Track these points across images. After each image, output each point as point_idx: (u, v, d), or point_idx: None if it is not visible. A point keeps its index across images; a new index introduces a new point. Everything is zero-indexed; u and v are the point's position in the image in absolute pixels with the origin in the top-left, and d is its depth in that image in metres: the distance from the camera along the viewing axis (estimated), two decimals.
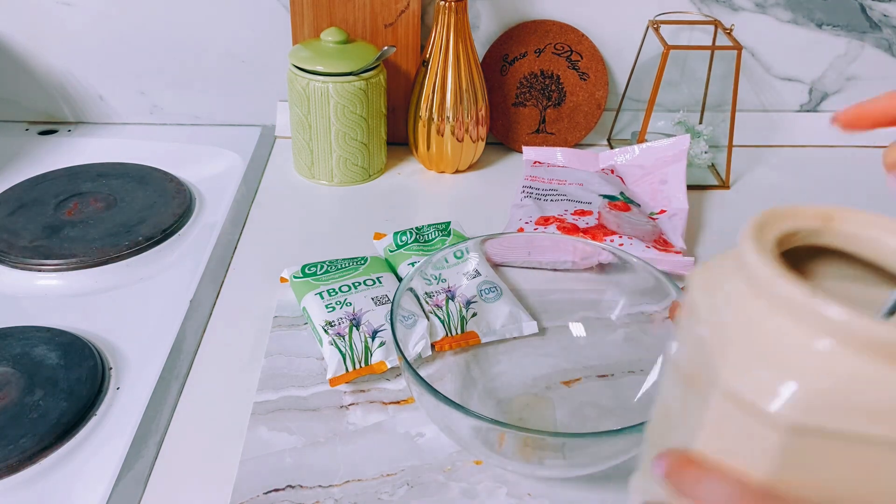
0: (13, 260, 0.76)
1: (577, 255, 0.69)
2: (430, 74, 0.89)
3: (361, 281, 0.67)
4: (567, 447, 0.51)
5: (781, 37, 0.99)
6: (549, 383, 0.63)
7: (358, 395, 0.62)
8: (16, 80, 1.01)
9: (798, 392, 0.27)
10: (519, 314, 0.67)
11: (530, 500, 0.54)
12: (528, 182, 0.87)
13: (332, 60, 0.85)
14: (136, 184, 0.90)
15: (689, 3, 0.97)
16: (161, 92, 1.02)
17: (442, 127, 0.90)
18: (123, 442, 0.57)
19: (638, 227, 0.78)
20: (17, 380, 0.61)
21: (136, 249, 0.79)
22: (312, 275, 0.69)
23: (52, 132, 1.02)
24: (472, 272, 0.69)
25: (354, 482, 0.54)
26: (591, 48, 0.96)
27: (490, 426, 0.50)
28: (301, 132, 0.90)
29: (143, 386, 0.63)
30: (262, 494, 0.53)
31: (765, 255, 0.29)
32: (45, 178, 0.90)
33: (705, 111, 1.00)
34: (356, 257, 0.72)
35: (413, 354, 0.62)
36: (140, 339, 0.68)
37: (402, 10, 0.92)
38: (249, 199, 0.88)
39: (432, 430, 0.58)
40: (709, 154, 0.95)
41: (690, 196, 0.87)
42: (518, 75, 0.97)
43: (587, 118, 0.99)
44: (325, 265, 0.70)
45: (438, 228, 0.77)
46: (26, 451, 0.56)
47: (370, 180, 0.93)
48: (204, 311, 0.70)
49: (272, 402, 0.61)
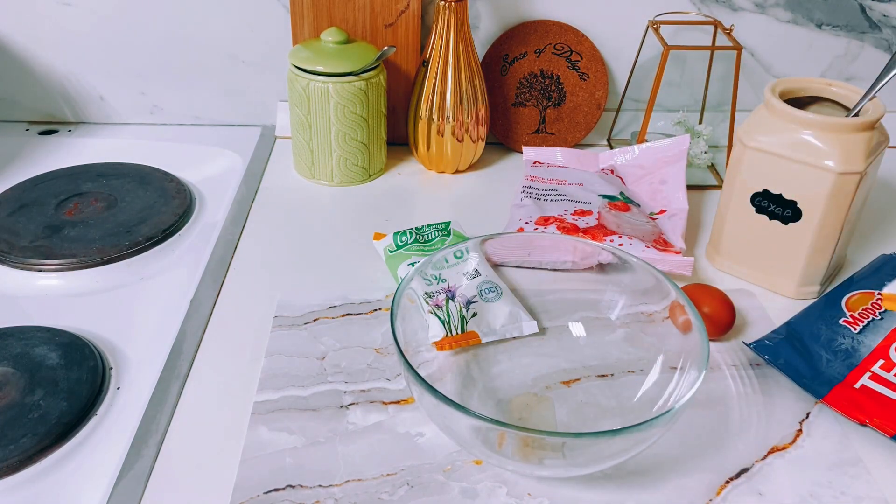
0: (13, 260, 0.76)
1: (577, 255, 0.69)
2: (430, 74, 0.89)
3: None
4: (567, 447, 0.51)
5: (781, 37, 0.99)
6: (549, 383, 0.63)
7: (358, 395, 0.62)
8: (16, 80, 1.01)
9: None
10: (519, 314, 0.67)
11: (530, 500, 0.54)
12: (528, 182, 0.87)
13: (332, 60, 0.85)
14: (137, 184, 0.90)
15: (689, 3, 0.97)
16: (161, 92, 1.02)
17: (442, 127, 0.90)
18: (123, 442, 0.57)
19: (638, 227, 0.78)
20: (17, 380, 0.61)
21: (136, 249, 0.79)
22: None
23: (52, 132, 1.02)
24: (472, 272, 0.69)
25: (354, 482, 0.54)
26: (591, 48, 0.96)
27: (490, 426, 0.50)
28: (301, 132, 0.90)
29: (143, 386, 0.63)
30: (262, 494, 0.53)
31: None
32: (46, 178, 0.90)
33: (705, 111, 1.00)
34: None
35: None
36: (140, 339, 0.68)
37: (402, 11, 0.92)
38: (249, 199, 0.88)
39: (432, 430, 0.58)
40: (709, 154, 0.95)
41: (690, 196, 0.88)
42: (518, 75, 0.97)
43: (587, 118, 0.99)
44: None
45: (438, 228, 0.77)
46: (26, 451, 0.56)
47: (370, 180, 0.93)
48: (204, 311, 0.70)
49: (272, 402, 0.61)
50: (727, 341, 0.68)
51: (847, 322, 0.68)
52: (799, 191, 0.70)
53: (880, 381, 0.62)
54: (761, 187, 0.72)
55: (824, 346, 0.66)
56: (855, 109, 0.69)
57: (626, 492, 0.55)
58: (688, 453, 0.57)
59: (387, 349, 0.66)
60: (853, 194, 0.68)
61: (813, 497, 0.54)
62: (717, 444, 0.58)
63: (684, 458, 0.57)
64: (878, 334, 0.66)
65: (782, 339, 0.67)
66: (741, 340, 0.68)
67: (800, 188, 0.70)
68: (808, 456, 0.58)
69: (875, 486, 0.55)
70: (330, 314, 0.70)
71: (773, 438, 0.59)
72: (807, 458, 0.58)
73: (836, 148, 0.67)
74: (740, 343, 0.68)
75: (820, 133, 0.68)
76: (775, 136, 0.70)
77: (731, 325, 0.67)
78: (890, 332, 0.66)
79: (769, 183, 0.71)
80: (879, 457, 0.58)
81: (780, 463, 0.57)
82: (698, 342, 0.56)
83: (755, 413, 0.61)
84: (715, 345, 0.68)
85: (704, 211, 0.89)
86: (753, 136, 0.71)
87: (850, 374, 0.63)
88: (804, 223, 0.71)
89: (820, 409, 0.62)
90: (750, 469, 0.56)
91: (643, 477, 0.55)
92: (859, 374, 0.63)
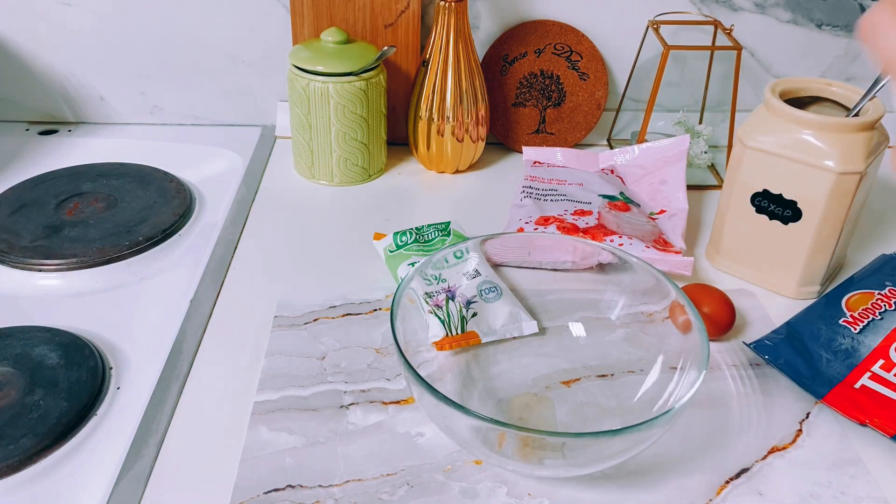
0: (13, 260, 0.76)
1: (577, 255, 0.69)
2: (430, 74, 0.89)
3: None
4: (567, 447, 0.51)
5: (781, 37, 0.99)
6: (549, 383, 0.63)
7: (358, 395, 0.62)
8: (16, 80, 1.01)
9: None
10: (519, 314, 0.67)
11: (530, 500, 0.54)
12: (528, 182, 0.87)
13: (332, 61, 0.85)
14: (137, 184, 0.90)
15: (689, 3, 0.97)
16: (161, 92, 1.02)
17: (442, 127, 0.90)
18: (123, 442, 0.57)
19: (638, 227, 0.78)
20: (17, 380, 0.61)
21: (136, 249, 0.79)
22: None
23: (52, 132, 1.02)
24: (472, 272, 0.69)
25: (354, 482, 0.54)
26: (591, 48, 0.96)
27: (490, 426, 0.50)
28: (301, 132, 0.90)
29: (143, 386, 0.63)
30: (262, 494, 0.53)
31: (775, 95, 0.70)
32: (46, 178, 0.90)
33: (705, 111, 1.00)
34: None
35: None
36: (140, 339, 0.68)
37: (402, 11, 0.92)
38: (249, 199, 0.88)
39: (432, 430, 0.58)
40: (709, 154, 0.95)
41: (690, 196, 0.87)
42: (518, 75, 0.97)
43: (587, 118, 0.99)
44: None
45: (438, 228, 0.77)
46: (26, 451, 0.56)
47: (370, 180, 0.93)
48: (204, 311, 0.70)
49: (272, 402, 0.61)
50: (727, 341, 0.68)
51: (847, 322, 0.68)
52: (799, 191, 0.70)
53: (880, 381, 0.62)
54: (761, 187, 0.72)
55: (824, 346, 0.66)
56: (855, 109, 0.69)
57: (626, 492, 0.55)
58: (688, 453, 0.57)
59: (387, 349, 0.66)
60: (853, 194, 0.68)
61: (813, 497, 0.54)
62: (717, 444, 0.58)
63: (684, 458, 0.57)
64: (878, 334, 0.66)
65: (782, 339, 0.67)
66: (741, 340, 0.68)
67: (800, 188, 0.70)
68: (808, 456, 0.58)
69: (875, 486, 0.55)
70: (330, 314, 0.70)
71: (773, 438, 0.59)
72: (807, 458, 0.58)
73: (836, 148, 0.67)
74: (740, 343, 0.68)
75: (820, 133, 0.68)
76: (775, 136, 0.70)
77: (731, 325, 0.67)
78: (890, 332, 0.66)
79: (769, 183, 0.71)
80: (879, 457, 0.58)
81: (780, 463, 0.57)
82: (698, 342, 0.56)
83: (755, 413, 0.61)
84: (715, 345, 0.68)
85: (704, 211, 0.89)
86: (753, 136, 0.71)
87: (850, 374, 0.63)
88: (804, 223, 0.71)
89: (820, 409, 0.62)
90: (750, 469, 0.56)
91: (643, 477, 0.55)
92: (859, 374, 0.63)
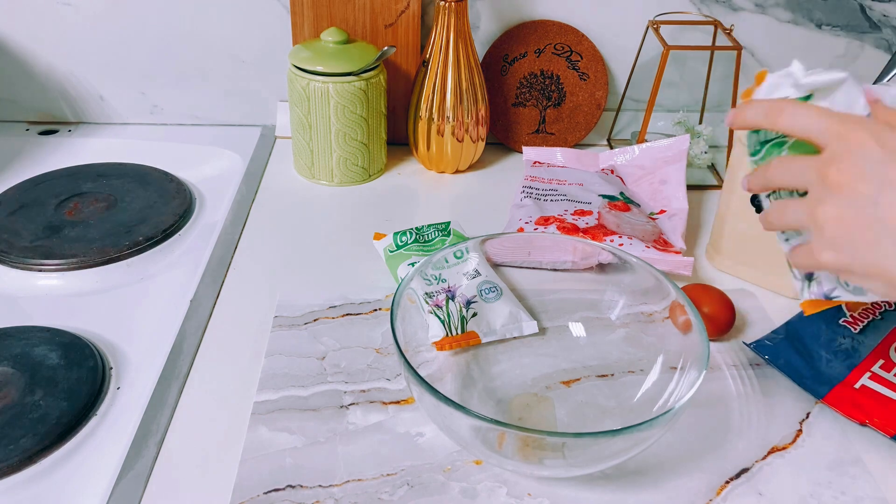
0: (13, 260, 0.76)
1: (577, 255, 0.69)
2: (430, 74, 0.89)
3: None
4: (567, 447, 0.51)
5: (781, 37, 0.99)
6: (549, 383, 0.63)
7: (358, 395, 0.62)
8: (16, 80, 1.01)
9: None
10: (519, 314, 0.67)
11: (530, 500, 0.54)
12: (528, 182, 0.87)
13: (332, 61, 0.85)
14: (137, 184, 0.90)
15: (689, 3, 0.97)
16: (161, 92, 1.02)
17: (442, 127, 0.90)
18: (123, 442, 0.57)
19: (638, 227, 0.78)
20: (17, 380, 0.61)
21: (136, 249, 0.79)
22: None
23: (52, 132, 1.02)
24: (472, 272, 0.69)
25: (354, 482, 0.54)
26: (591, 48, 0.96)
27: (490, 426, 0.50)
28: (301, 132, 0.90)
29: (143, 386, 0.63)
30: (262, 494, 0.53)
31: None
32: (46, 178, 0.90)
33: (705, 111, 1.00)
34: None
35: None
36: (140, 339, 0.68)
37: (402, 11, 0.92)
38: (249, 199, 0.88)
39: (432, 430, 0.58)
40: (708, 154, 0.95)
41: (690, 196, 0.87)
42: (518, 75, 0.97)
43: (587, 118, 0.99)
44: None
45: (438, 228, 0.77)
46: (26, 451, 0.56)
47: (370, 180, 0.93)
48: (204, 311, 0.70)
49: (272, 402, 0.61)
50: (727, 341, 0.68)
51: (847, 322, 0.68)
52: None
53: (880, 381, 0.62)
54: None
55: (824, 346, 0.66)
56: None
57: (626, 492, 0.55)
58: (688, 453, 0.57)
59: (387, 349, 0.66)
60: None
61: (813, 497, 0.54)
62: (717, 444, 0.58)
63: (684, 458, 0.57)
64: (878, 334, 0.66)
65: (782, 339, 0.67)
66: (741, 340, 0.68)
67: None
68: (808, 456, 0.58)
69: (875, 486, 0.55)
70: (330, 314, 0.70)
71: (773, 438, 0.59)
72: (807, 458, 0.58)
73: None
74: (740, 343, 0.68)
75: None
76: None
77: (731, 325, 0.67)
78: (890, 332, 0.66)
79: None
80: (879, 457, 0.58)
81: (780, 463, 0.57)
82: (698, 342, 0.56)
83: (755, 413, 0.61)
84: (715, 345, 0.68)
85: (704, 211, 0.89)
86: None
87: (850, 374, 0.63)
88: None
89: (820, 409, 0.62)
90: (750, 469, 0.56)
91: (643, 477, 0.55)
92: (859, 374, 0.63)
